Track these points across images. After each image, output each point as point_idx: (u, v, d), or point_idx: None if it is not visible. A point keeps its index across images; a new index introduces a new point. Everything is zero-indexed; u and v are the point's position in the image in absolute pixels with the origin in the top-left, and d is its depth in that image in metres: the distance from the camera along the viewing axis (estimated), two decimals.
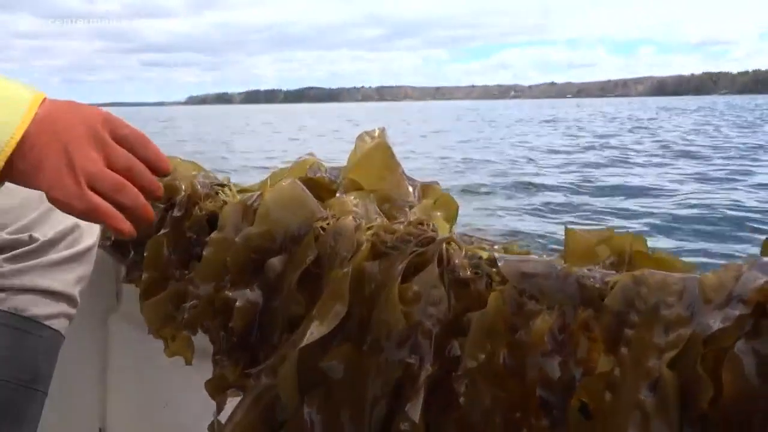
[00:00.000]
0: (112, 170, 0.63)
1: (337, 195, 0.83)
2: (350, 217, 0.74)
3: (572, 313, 0.53)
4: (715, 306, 0.43)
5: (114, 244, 1.05)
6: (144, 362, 0.97)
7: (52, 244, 0.95)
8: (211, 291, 0.83)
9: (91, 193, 0.61)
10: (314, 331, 0.65)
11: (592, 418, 0.50)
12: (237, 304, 0.80)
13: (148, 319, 0.91)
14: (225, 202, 0.91)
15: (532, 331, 0.54)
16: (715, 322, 0.41)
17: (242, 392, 0.77)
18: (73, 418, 1.13)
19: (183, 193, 0.98)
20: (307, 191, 0.82)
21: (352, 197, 0.80)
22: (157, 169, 0.68)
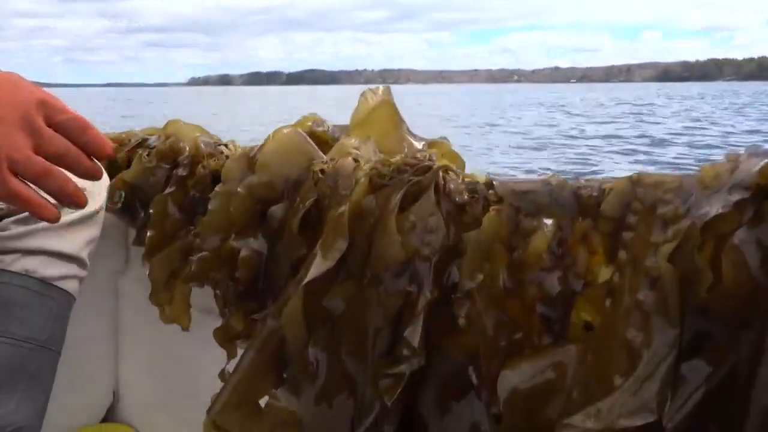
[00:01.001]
0: (42, 156, 0.62)
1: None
2: (350, 158, 0.73)
3: (570, 226, 0.51)
4: (713, 194, 0.41)
5: (123, 208, 1.06)
6: (155, 324, 0.98)
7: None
8: (218, 243, 0.84)
9: (11, 179, 0.60)
10: (317, 267, 0.65)
11: (593, 329, 0.49)
12: (241, 253, 0.80)
13: (154, 276, 0.92)
14: (228, 158, 0.91)
15: (530, 248, 0.53)
16: (713, 209, 0.40)
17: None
18: (87, 381, 1.15)
19: (187, 153, 0.99)
20: (308, 138, 0.82)
21: (353, 140, 0.79)
22: (97, 153, 0.67)
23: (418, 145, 0.84)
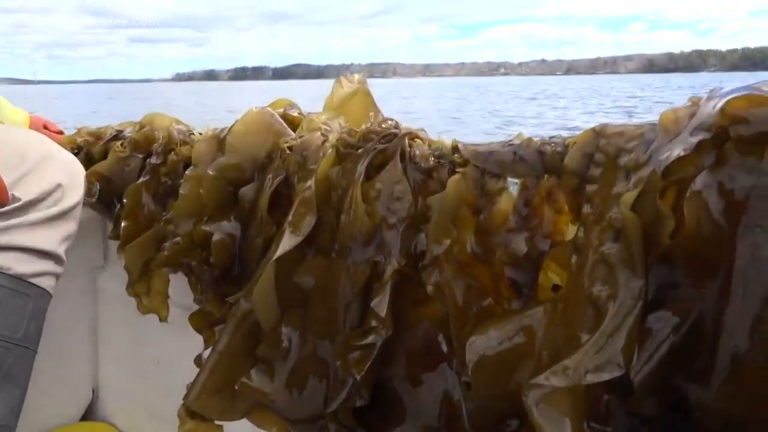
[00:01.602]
0: None
1: None
2: (318, 133, 0.72)
3: (535, 185, 0.50)
4: (674, 138, 0.39)
5: (100, 202, 1.05)
6: (135, 320, 0.97)
7: (34, 203, 0.94)
8: (190, 227, 0.82)
9: None
10: (285, 243, 0.63)
11: (561, 287, 0.47)
12: (214, 237, 0.78)
13: (129, 265, 0.90)
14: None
15: (496, 210, 0.51)
16: (674, 152, 0.38)
17: None
18: (66, 379, 1.13)
19: (160, 141, 0.97)
20: (277, 117, 0.80)
21: (323, 116, 0.77)
22: None
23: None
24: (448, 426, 0.54)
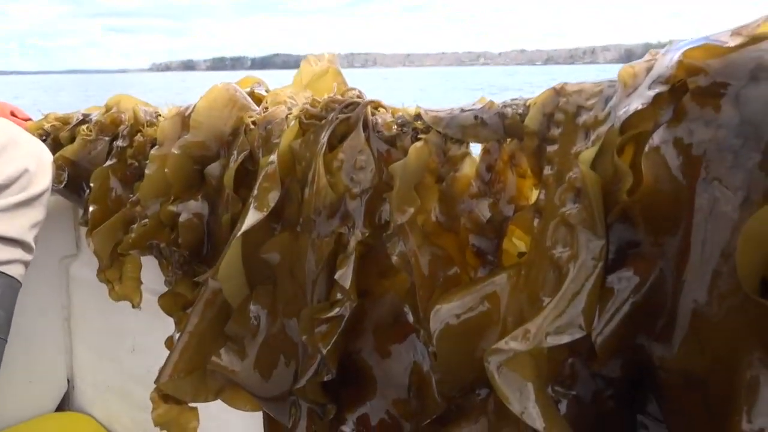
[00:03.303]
0: None
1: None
2: (282, 107, 0.70)
3: (497, 149, 0.48)
4: (631, 92, 0.38)
5: (69, 188, 1.02)
6: (109, 307, 0.95)
7: (0, 189, 0.92)
8: (158, 208, 0.80)
9: None
10: (250, 219, 0.62)
11: (526, 253, 0.46)
12: (181, 218, 0.77)
13: (98, 250, 0.88)
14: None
15: (459, 177, 0.50)
16: (631, 107, 0.37)
17: None
18: (41, 369, 1.12)
19: (126, 123, 0.95)
20: (242, 92, 0.78)
21: (287, 89, 0.75)
22: None
23: None
24: (417, 396, 0.54)
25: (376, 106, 0.59)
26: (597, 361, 0.39)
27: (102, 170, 0.92)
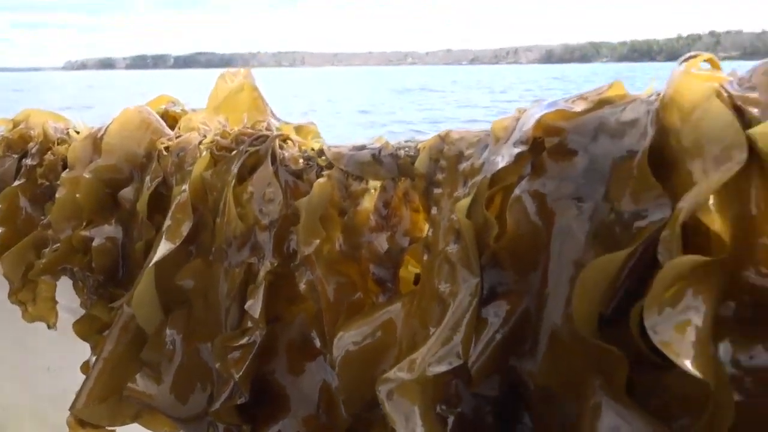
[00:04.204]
0: None
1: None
2: (195, 133, 0.71)
3: (393, 186, 0.53)
4: (502, 146, 0.43)
5: None
6: (23, 327, 0.93)
7: None
8: (71, 232, 0.80)
9: None
10: (162, 249, 0.63)
11: (419, 282, 0.51)
12: (95, 243, 0.77)
13: (7, 273, 0.87)
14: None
15: (360, 211, 0.54)
16: (499, 162, 0.42)
17: None
18: None
19: (36, 140, 0.93)
20: (155, 115, 0.79)
21: (201, 115, 0.76)
22: None
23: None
24: (327, 413, 0.57)
25: (284, 138, 0.62)
26: (473, 384, 0.44)
27: (11, 190, 0.90)
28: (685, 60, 0.38)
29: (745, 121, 0.35)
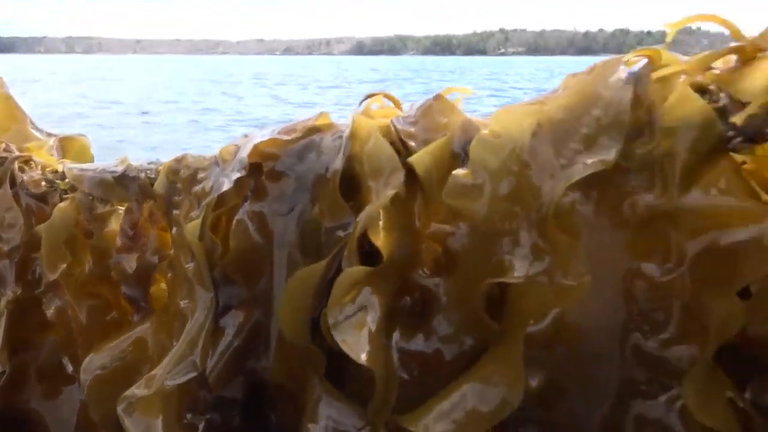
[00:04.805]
0: None
1: None
2: None
3: (138, 208, 0.54)
4: (228, 171, 0.47)
5: None
6: None
7: None
8: None
9: None
10: None
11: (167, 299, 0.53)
12: None
13: None
14: None
15: (107, 232, 0.55)
16: (225, 185, 0.46)
17: None
18: None
19: None
20: None
21: None
22: None
23: (49, 141, 0.77)
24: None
25: (26, 160, 0.59)
26: (214, 389, 0.48)
27: None
28: (368, 98, 0.45)
29: (409, 150, 0.42)
